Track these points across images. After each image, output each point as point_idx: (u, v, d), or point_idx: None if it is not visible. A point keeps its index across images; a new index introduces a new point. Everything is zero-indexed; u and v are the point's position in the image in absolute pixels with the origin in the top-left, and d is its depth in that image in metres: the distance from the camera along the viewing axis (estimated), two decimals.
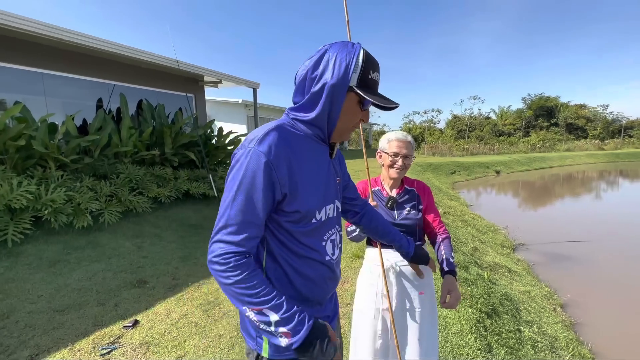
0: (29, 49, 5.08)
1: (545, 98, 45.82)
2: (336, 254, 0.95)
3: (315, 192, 0.85)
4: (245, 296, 0.74)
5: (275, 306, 0.75)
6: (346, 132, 0.88)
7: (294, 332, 0.75)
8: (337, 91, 0.79)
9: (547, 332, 3.25)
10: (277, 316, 0.74)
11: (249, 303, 0.74)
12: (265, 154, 0.75)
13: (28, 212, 3.70)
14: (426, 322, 1.45)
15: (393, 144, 1.48)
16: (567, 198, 12.31)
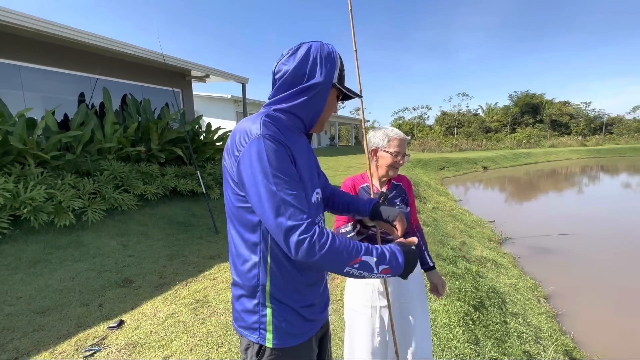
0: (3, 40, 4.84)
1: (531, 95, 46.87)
2: None
3: (309, 175, 0.91)
4: (344, 253, 0.76)
5: (368, 250, 0.79)
6: (325, 122, 0.98)
7: (392, 267, 0.81)
8: (324, 87, 0.88)
9: (532, 323, 3.33)
10: (374, 257, 0.79)
11: (349, 258, 0.76)
12: (274, 136, 0.78)
13: (5, 210, 3.55)
14: (419, 318, 1.45)
15: (394, 143, 1.46)
16: (551, 193, 12.65)
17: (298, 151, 0.85)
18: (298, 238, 0.72)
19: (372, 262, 0.78)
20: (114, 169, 5.03)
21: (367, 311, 1.42)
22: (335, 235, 0.78)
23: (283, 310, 0.86)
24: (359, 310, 1.44)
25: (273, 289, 0.86)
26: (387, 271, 0.80)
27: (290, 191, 0.75)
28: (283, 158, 0.77)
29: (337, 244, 0.76)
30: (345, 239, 0.79)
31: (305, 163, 0.90)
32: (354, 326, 1.46)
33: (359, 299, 1.46)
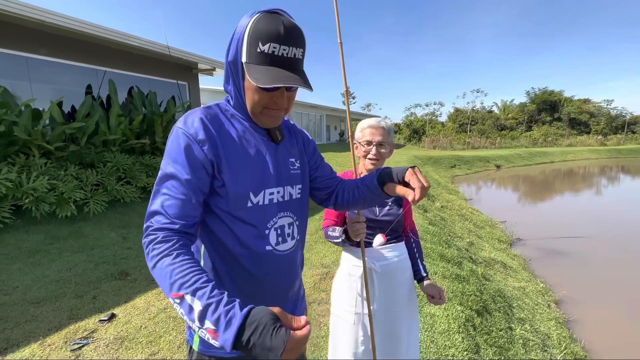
0: (11, 32, 4.88)
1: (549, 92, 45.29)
2: (286, 245, 0.86)
3: (248, 174, 0.79)
4: (168, 279, 0.62)
5: (198, 290, 0.59)
6: (259, 115, 0.80)
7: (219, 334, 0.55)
8: (234, 68, 0.77)
9: (540, 329, 3.16)
10: (201, 304, 0.57)
11: (171, 288, 0.61)
12: (187, 131, 0.74)
13: (7, 200, 3.58)
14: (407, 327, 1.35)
15: (366, 132, 1.35)
16: (567, 194, 12.18)
17: (235, 141, 0.79)
18: (146, 233, 0.70)
19: (196, 310, 0.57)
20: (118, 161, 5.04)
21: (350, 317, 1.31)
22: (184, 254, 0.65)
23: None
24: (343, 316, 1.34)
25: None
26: (212, 333, 0.55)
27: (177, 192, 0.71)
28: (183, 157, 0.72)
29: (165, 265, 0.63)
30: (195, 264, 0.64)
31: (246, 154, 0.79)
32: (337, 333, 1.36)
33: (342, 305, 1.35)
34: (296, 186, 0.90)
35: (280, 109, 0.79)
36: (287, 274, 0.88)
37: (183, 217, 0.70)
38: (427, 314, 2.48)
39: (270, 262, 0.83)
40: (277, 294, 0.87)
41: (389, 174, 0.85)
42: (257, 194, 0.80)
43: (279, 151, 0.87)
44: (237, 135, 0.80)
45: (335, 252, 3.78)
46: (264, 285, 0.83)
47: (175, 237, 0.68)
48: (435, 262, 3.56)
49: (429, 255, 3.73)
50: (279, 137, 0.86)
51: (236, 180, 0.77)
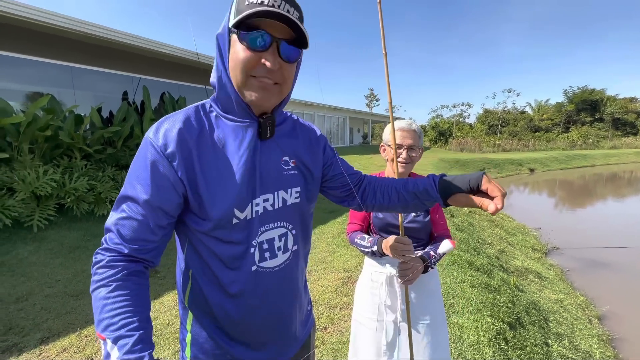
0: (58, 44, 5.31)
1: (590, 91, 42.28)
2: (276, 261, 0.75)
3: (231, 187, 0.68)
4: (98, 311, 0.57)
5: (121, 338, 0.54)
6: (245, 87, 0.67)
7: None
8: (221, 40, 0.68)
9: (580, 346, 2.93)
10: (117, 356, 0.53)
11: (99, 323, 0.56)
12: (155, 142, 0.65)
13: (53, 199, 3.87)
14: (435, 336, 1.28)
15: (396, 135, 1.31)
16: (610, 200, 11.26)
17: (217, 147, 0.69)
18: (93, 258, 0.64)
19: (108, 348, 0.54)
20: None
21: (372, 325, 1.27)
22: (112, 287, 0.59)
23: (203, 339, 0.76)
24: (364, 322, 1.30)
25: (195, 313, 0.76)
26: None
27: (136, 213, 0.63)
28: (147, 174, 0.64)
29: (99, 298, 0.58)
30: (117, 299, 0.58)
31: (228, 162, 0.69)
32: (358, 339, 1.33)
33: (364, 311, 1.32)
34: (292, 189, 0.77)
35: (275, 81, 0.68)
36: (281, 293, 0.77)
37: (135, 241, 0.63)
38: (454, 325, 2.37)
39: (258, 283, 0.73)
40: (273, 319, 0.77)
41: (454, 185, 0.76)
42: (244, 208, 0.69)
43: (266, 150, 0.74)
44: (220, 139, 0.70)
45: (357, 257, 3.73)
46: (254, 310, 0.74)
47: (122, 264, 0.62)
48: (464, 269, 3.41)
49: (456, 262, 3.58)
50: (268, 132, 0.73)
51: (216, 197, 0.67)
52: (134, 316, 0.57)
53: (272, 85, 0.68)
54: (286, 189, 0.77)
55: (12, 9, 4.27)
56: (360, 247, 1.29)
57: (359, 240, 1.29)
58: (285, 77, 0.68)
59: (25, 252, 3.37)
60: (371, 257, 1.34)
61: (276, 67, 0.65)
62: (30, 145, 4.26)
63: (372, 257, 1.33)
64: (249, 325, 0.74)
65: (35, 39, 5.04)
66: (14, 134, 4.08)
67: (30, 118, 4.10)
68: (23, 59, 5.08)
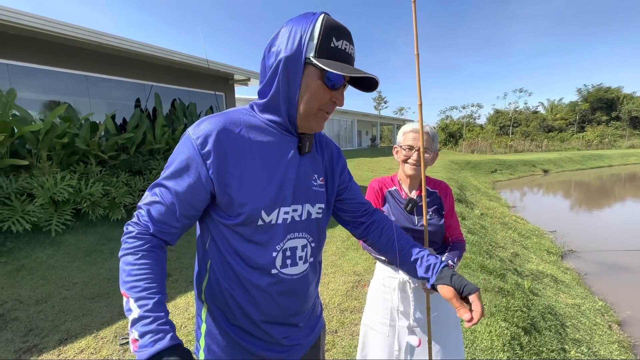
0: (74, 54, 5.50)
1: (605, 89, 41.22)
2: (296, 269, 0.79)
3: (262, 190, 0.72)
4: (125, 273, 0.65)
5: (142, 299, 0.61)
6: (312, 117, 0.74)
7: (142, 342, 0.57)
8: (291, 64, 0.69)
9: (600, 353, 2.83)
10: (138, 313, 0.60)
11: (124, 283, 0.64)
12: (195, 140, 0.70)
13: (69, 204, 3.99)
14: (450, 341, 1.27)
15: (409, 136, 1.31)
16: (628, 201, 10.90)
17: (254, 152, 0.72)
18: (125, 226, 0.72)
19: (133, 314, 0.60)
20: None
21: (384, 329, 1.26)
22: (149, 256, 0.67)
23: (216, 330, 0.79)
24: (376, 327, 1.29)
25: (210, 306, 0.80)
26: (134, 342, 0.58)
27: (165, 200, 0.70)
28: (184, 167, 0.70)
29: (126, 262, 0.66)
30: (142, 266, 0.65)
31: (263, 167, 0.73)
32: (368, 344, 1.31)
33: (377, 316, 1.31)
34: (317, 205, 0.82)
35: (332, 111, 0.76)
36: (296, 298, 0.81)
37: (161, 224, 0.70)
38: (466, 329, 2.33)
39: (276, 286, 0.77)
40: (286, 320, 0.81)
41: (449, 279, 0.79)
42: (271, 212, 0.73)
43: (302, 165, 0.79)
44: (257, 146, 0.74)
45: (367, 260, 3.71)
46: (267, 310, 0.77)
47: (147, 237, 0.69)
48: (476, 273, 3.36)
49: (468, 266, 3.52)
50: (307, 148, 0.79)
51: (245, 196, 0.71)
52: (153, 282, 0.64)
53: (327, 115, 0.77)
54: (312, 204, 0.81)
55: (31, 22, 4.45)
56: (376, 256, 1.29)
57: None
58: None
59: (44, 255, 3.48)
60: (387, 265, 1.33)
61: (341, 105, 0.75)
62: (48, 152, 4.41)
63: (388, 265, 1.32)
64: (261, 322, 0.78)
65: (53, 49, 5.24)
66: (33, 141, 4.24)
67: (49, 126, 4.25)
68: (41, 69, 5.29)
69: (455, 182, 9.94)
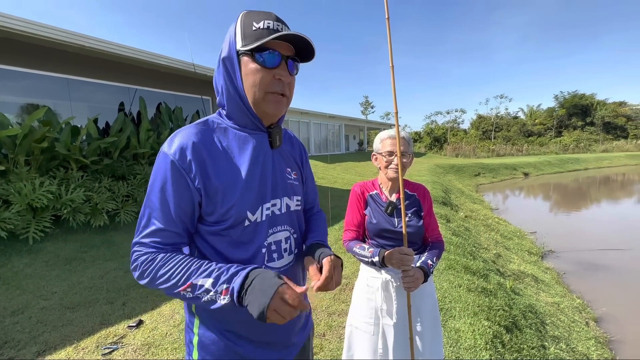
0: (55, 56, 5.35)
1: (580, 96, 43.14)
2: (282, 261, 0.82)
3: (245, 190, 0.75)
4: (171, 280, 0.66)
5: (203, 271, 0.67)
6: (262, 102, 0.75)
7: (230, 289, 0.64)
8: (228, 62, 0.74)
9: (578, 349, 2.95)
10: (211, 278, 0.66)
11: (176, 285, 0.66)
12: (173, 157, 0.70)
13: (49, 211, 3.86)
14: (430, 338, 1.31)
15: (386, 142, 1.36)
16: (603, 202, 11.41)
17: (230, 156, 0.75)
18: (131, 255, 0.71)
19: (208, 284, 0.65)
20: (147, 173, 5.31)
21: (369, 329, 1.29)
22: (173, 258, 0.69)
23: (209, 341, 0.79)
24: (361, 327, 1.32)
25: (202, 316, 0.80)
26: (226, 292, 0.64)
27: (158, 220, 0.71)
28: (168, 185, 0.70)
29: (162, 271, 0.67)
30: (186, 259, 0.69)
31: (242, 169, 0.75)
32: (354, 344, 1.34)
33: (361, 315, 1.34)
34: (294, 197, 0.85)
35: (284, 93, 0.76)
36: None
37: (170, 245, 0.72)
38: (451, 329, 2.39)
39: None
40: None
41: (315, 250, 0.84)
42: (255, 211, 0.76)
43: (276, 160, 0.83)
44: (231, 150, 0.76)
45: (353, 264, 3.75)
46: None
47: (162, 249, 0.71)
48: (460, 274, 3.44)
49: (453, 267, 3.60)
50: (277, 141, 0.82)
51: (230, 201, 0.73)
52: (198, 262, 0.69)
53: (282, 97, 0.76)
54: (290, 196, 0.85)
55: (9, 23, 4.31)
56: (360, 258, 1.32)
57: (358, 249, 1.33)
58: (291, 89, 0.78)
59: (20, 264, 3.35)
60: (370, 266, 1.36)
61: (288, 80, 0.75)
62: (26, 157, 4.26)
63: (371, 266, 1.35)
64: (255, 324, 0.78)
65: (32, 52, 5.08)
66: (10, 146, 4.08)
67: (27, 130, 4.11)
68: (19, 71, 5.11)
69: (440, 186, 10.15)
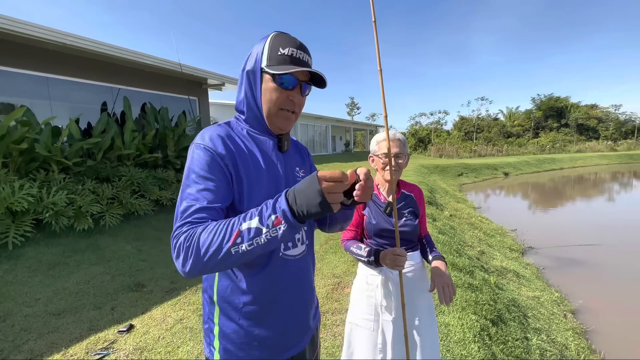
0: (34, 54, 5.15)
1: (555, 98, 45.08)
2: (297, 250, 0.89)
3: (264, 188, 0.83)
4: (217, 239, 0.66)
5: (244, 217, 0.68)
6: (274, 117, 0.85)
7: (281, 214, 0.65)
8: (252, 75, 0.84)
9: (557, 340, 3.11)
10: (255, 217, 0.67)
11: (223, 241, 0.66)
12: (206, 145, 0.78)
13: (29, 215, 3.71)
14: (426, 333, 1.37)
15: (382, 145, 1.42)
16: (578, 200, 11.98)
17: (250, 155, 0.83)
18: (172, 243, 0.71)
19: (255, 224, 0.66)
20: (132, 175, 5.18)
21: (369, 325, 1.34)
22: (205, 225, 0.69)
23: (229, 330, 0.83)
24: (361, 324, 1.37)
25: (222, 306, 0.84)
26: (279, 221, 0.65)
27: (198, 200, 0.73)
28: (205, 167, 0.76)
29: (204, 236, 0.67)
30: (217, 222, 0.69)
31: (260, 166, 0.83)
32: (354, 340, 1.38)
33: (361, 312, 1.38)
34: None
35: (294, 111, 0.86)
36: (300, 280, 0.90)
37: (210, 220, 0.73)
38: (441, 323, 2.48)
39: (284, 267, 0.86)
40: (294, 302, 0.88)
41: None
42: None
43: (287, 161, 0.92)
44: (250, 150, 0.84)
45: (346, 262, 3.80)
46: (280, 293, 0.85)
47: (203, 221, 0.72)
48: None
49: None
50: (285, 146, 0.91)
51: (253, 195, 0.80)
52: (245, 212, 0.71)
53: (291, 115, 0.87)
54: None
55: None
56: (357, 256, 1.37)
57: (355, 249, 1.37)
58: (300, 107, 0.89)
59: (0, 270, 3.21)
60: (367, 265, 1.42)
61: (298, 101, 0.86)
62: (4, 159, 4.08)
63: (368, 265, 1.41)
64: (276, 307, 0.84)
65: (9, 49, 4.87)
66: None
67: (4, 131, 3.94)
68: None
69: (425, 185, 10.38)
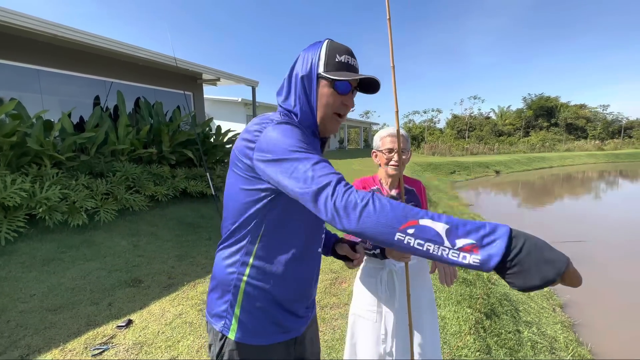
0: (24, 46, 5.02)
1: (546, 98, 45.85)
2: (320, 249, 0.98)
3: None
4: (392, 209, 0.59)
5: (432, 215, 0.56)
6: (329, 120, 0.89)
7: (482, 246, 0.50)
8: (307, 81, 0.86)
9: (547, 332, 3.21)
10: (443, 222, 0.54)
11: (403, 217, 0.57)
12: (288, 120, 0.83)
13: (22, 210, 3.65)
14: (427, 326, 1.41)
15: (386, 140, 1.44)
16: (566, 198, 12.28)
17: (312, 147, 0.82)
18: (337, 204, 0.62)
19: (440, 229, 0.54)
20: (126, 170, 5.12)
21: (372, 316, 1.38)
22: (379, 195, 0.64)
23: (253, 308, 0.85)
24: (364, 315, 1.40)
25: (248, 288, 0.85)
26: (470, 249, 0.51)
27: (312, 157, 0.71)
28: (302, 134, 0.78)
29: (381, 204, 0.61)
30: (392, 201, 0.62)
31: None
32: (357, 332, 1.42)
33: (365, 304, 1.42)
34: None
35: (344, 114, 0.91)
36: (317, 272, 0.98)
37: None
38: (438, 316, 2.54)
39: (316, 261, 0.93)
40: (309, 293, 0.94)
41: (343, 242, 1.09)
42: None
43: None
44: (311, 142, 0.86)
45: None
46: (305, 284, 0.91)
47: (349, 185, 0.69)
48: None
49: None
50: (325, 148, 0.97)
51: None
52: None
53: (340, 119, 0.91)
54: None
55: None
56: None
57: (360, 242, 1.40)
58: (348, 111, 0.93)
59: None
60: (372, 257, 1.44)
61: (352, 106, 0.91)
62: None
63: (373, 257, 1.43)
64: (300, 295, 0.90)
65: None
66: None
67: None
68: None
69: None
